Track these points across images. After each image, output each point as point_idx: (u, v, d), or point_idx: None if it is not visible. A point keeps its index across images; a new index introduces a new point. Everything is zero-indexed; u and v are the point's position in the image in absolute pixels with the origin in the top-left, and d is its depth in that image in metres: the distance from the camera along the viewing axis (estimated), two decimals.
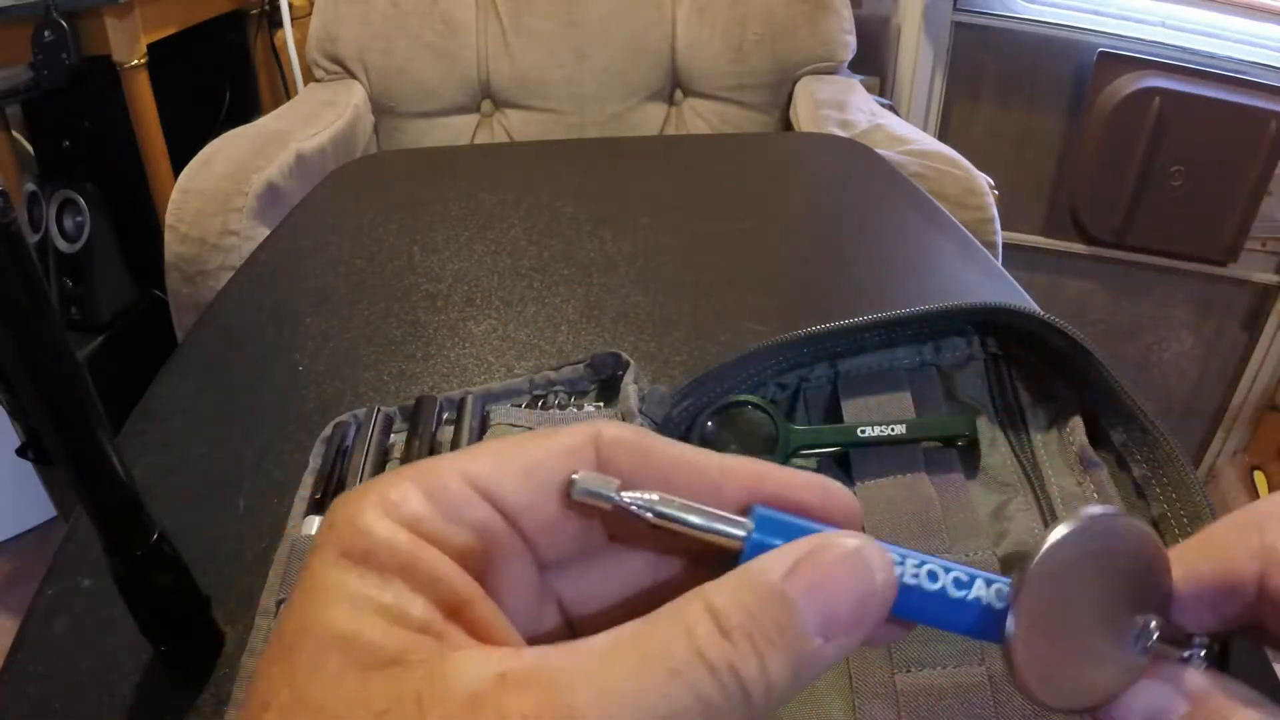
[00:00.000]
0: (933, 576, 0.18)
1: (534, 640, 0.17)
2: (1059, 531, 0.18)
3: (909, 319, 0.45)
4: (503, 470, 0.18)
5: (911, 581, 0.18)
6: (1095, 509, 0.18)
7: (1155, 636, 0.19)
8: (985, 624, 0.18)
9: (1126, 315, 1.78)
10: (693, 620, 0.15)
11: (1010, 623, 0.18)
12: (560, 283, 0.68)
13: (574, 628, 0.20)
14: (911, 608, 0.18)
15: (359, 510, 0.16)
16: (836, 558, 0.16)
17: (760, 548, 0.18)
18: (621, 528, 0.19)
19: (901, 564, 0.18)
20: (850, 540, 0.17)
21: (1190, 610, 0.20)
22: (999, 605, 0.18)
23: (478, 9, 1.48)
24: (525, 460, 0.18)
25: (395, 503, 0.17)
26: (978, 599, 0.18)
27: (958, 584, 0.18)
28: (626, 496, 0.18)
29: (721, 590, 0.16)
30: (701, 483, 0.19)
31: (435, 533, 0.16)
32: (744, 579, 0.16)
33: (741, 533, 0.18)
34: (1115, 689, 0.19)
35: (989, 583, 0.18)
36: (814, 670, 0.16)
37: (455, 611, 0.16)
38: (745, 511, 0.18)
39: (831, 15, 1.47)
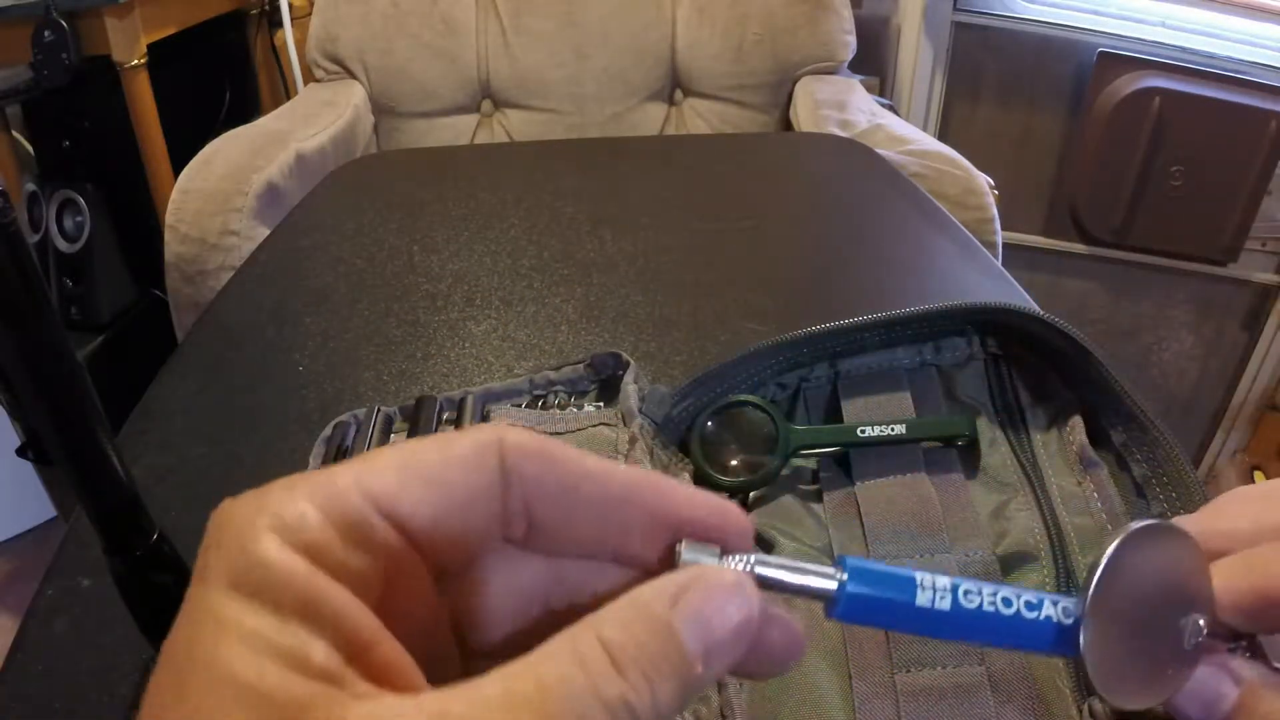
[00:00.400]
0: (1007, 602, 0.19)
1: (430, 664, 0.17)
2: (1113, 547, 0.20)
3: (909, 319, 0.45)
4: (404, 484, 0.17)
5: (989, 609, 0.19)
6: (1139, 521, 0.20)
7: (1204, 633, 0.21)
8: (1059, 640, 0.20)
9: (1126, 315, 1.78)
10: (586, 654, 0.16)
11: (1083, 636, 0.19)
12: (560, 283, 0.68)
13: (467, 645, 0.20)
14: (992, 632, 0.19)
15: (251, 533, 0.15)
16: (718, 589, 0.17)
17: (853, 599, 0.19)
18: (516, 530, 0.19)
19: (979, 594, 0.19)
20: (728, 573, 0.18)
21: (1229, 619, 0.22)
22: (1068, 621, 0.19)
23: (478, 9, 1.48)
24: (426, 472, 0.17)
25: (292, 525, 0.15)
26: (1049, 618, 0.19)
27: (1029, 606, 0.20)
28: (728, 561, 0.19)
29: (612, 622, 0.16)
30: (606, 496, 0.19)
31: (335, 561, 0.15)
32: (632, 610, 0.17)
33: (833, 585, 0.19)
34: (1178, 683, 0.21)
35: (1055, 602, 0.20)
36: (695, 692, 0.17)
37: (357, 654, 0.15)
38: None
39: (831, 15, 1.47)
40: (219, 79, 1.68)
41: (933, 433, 0.43)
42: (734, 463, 0.44)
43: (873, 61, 1.70)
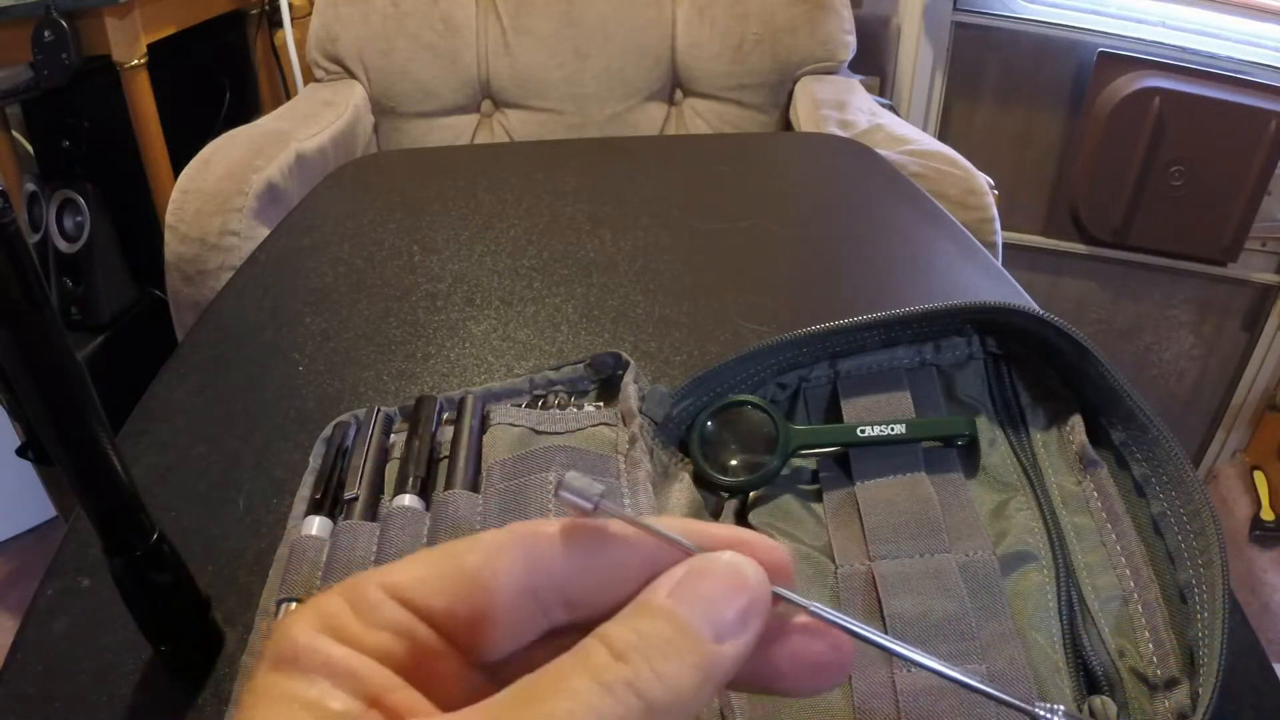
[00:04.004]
0: None
1: None
2: None
3: (909, 319, 0.45)
4: (423, 578, 0.19)
5: None
6: None
7: None
8: None
9: (1126, 315, 1.78)
10: (589, 653, 0.17)
11: None
12: (560, 283, 0.68)
13: None
14: None
15: (291, 623, 0.18)
16: (714, 569, 0.19)
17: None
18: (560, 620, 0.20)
19: None
20: (725, 554, 0.19)
21: None
22: None
23: (478, 9, 1.48)
24: (445, 567, 0.19)
25: (322, 613, 0.19)
26: None
27: None
28: (607, 505, 0.20)
29: (614, 622, 0.18)
30: (644, 556, 0.20)
31: (356, 636, 0.18)
32: (633, 607, 0.18)
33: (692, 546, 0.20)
34: None
35: None
36: (721, 669, 0.18)
37: (375, 700, 0.18)
38: None
39: (831, 15, 1.47)
40: (219, 79, 1.68)
41: (933, 433, 0.43)
42: (734, 462, 0.44)
43: (873, 61, 1.70)
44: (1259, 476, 1.73)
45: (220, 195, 1.09)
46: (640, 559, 0.20)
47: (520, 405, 0.48)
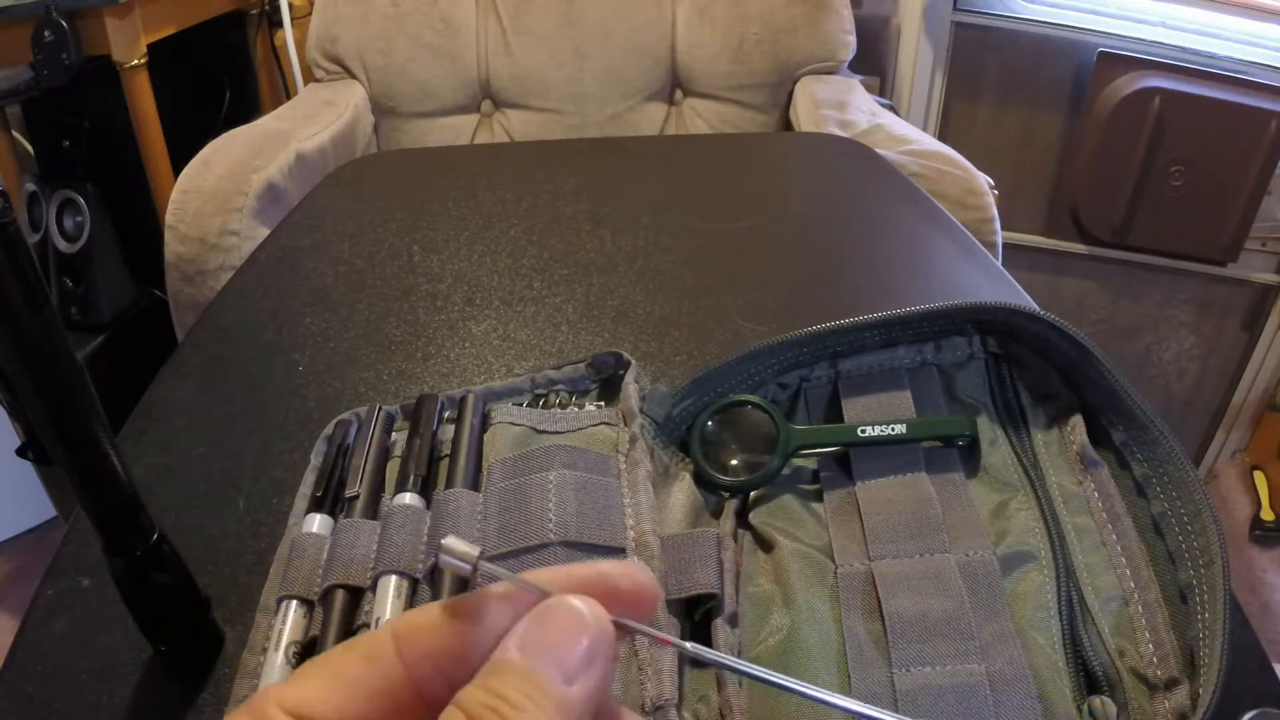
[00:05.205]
0: None
1: None
2: None
3: (909, 319, 0.45)
4: (311, 690, 0.19)
5: None
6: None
7: None
8: None
9: (1126, 315, 1.78)
10: None
11: None
12: (560, 283, 0.68)
13: None
14: None
15: None
16: (554, 614, 0.19)
17: None
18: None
19: None
20: (566, 597, 0.19)
21: None
22: None
23: (478, 9, 1.48)
24: (328, 676, 0.20)
25: None
26: None
27: None
28: (485, 565, 0.20)
29: (471, 685, 0.18)
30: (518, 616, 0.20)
31: None
32: (487, 666, 0.18)
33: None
34: None
35: None
36: (577, 710, 0.18)
37: None
38: None
39: (831, 15, 1.47)
40: (219, 79, 1.68)
41: (933, 432, 0.43)
42: (734, 462, 0.44)
43: (873, 61, 1.70)
44: (1259, 476, 1.73)
45: (220, 195, 1.09)
46: (513, 615, 0.20)
47: (521, 404, 0.48)
